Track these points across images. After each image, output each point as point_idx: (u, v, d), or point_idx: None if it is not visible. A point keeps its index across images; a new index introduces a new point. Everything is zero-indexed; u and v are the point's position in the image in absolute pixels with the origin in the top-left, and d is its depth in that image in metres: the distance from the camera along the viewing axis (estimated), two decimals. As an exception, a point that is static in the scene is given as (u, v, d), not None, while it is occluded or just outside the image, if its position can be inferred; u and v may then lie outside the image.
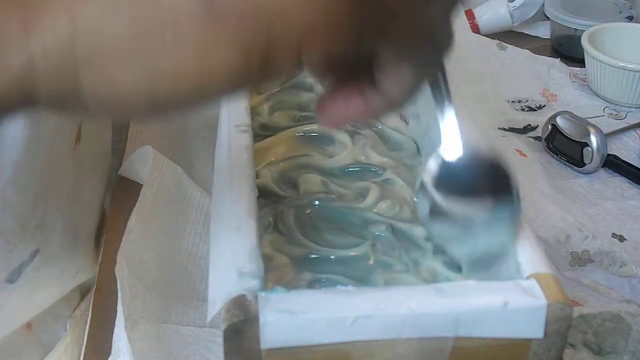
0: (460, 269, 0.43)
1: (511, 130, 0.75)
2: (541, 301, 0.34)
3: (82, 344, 0.57)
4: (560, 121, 0.70)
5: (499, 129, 0.75)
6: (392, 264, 0.43)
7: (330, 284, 0.41)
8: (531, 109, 0.79)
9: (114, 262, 0.49)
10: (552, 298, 0.34)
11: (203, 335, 0.48)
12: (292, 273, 0.42)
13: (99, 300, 0.53)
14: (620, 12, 0.89)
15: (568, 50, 0.89)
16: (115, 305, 0.48)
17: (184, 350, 0.47)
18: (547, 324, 0.34)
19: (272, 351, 0.33)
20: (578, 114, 0.71)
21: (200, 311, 0.50)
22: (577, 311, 0.50)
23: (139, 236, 0.52)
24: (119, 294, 0.47)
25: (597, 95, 0.80)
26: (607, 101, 0.80)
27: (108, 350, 0.47)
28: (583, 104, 0.80)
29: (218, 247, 0.37)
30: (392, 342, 0.33)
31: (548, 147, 0.71)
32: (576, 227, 0.60)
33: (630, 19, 0.88)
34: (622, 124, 0.76)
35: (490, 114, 0.77)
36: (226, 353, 0.33)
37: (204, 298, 0.51)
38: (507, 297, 0.34)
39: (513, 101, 0.80)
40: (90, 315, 0.53)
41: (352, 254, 0.43)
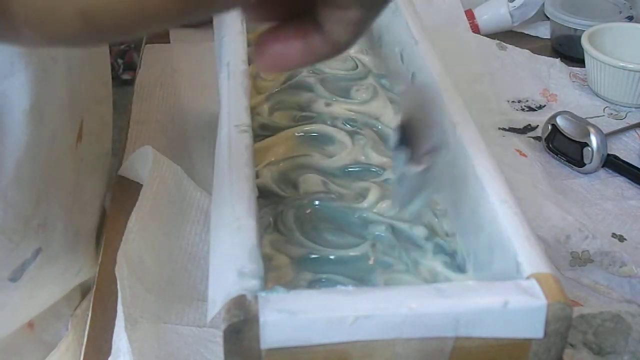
0: (460, 269, 0.43)
1: (511, 130, 0.75)
2: (541, 301, 0.34)
3: (83, 343, 0.57)
4: (560, 121, 0.70)
5: (499, 129, 0.75)
6: (392, 264, 0.43)
7: (330, 284, 0.41)
8: (531, 109, 0.79)
9: (114, 262, 0.49)
10: (552, 298, 0.34)
11: (203, 335, 0.48)
12: (292, 273, 0.42)
13: (99, 300, 0.53)
14: (620, 12, 0.89)
15: (568, 50, 0.89)
16: (115, 305, 0.48)
17: (184, 350, 0.47)
18: (547, 324, 0.34)
19: (272, 351, 0.33)
20: (578, 114, 0.71)
21: (200, 311, 0.50)
22: (577, 311, 0.50)
23: (139, 236, 0.52)
24: (119, 294, 0.47)
25: (597, 95, 0.80)
26: (607, 101, 0.80)
27: (108, 350, 0.47)
28: (583, 104, 0.80)
29: (218, 247, 0.37)
30: (392, 342, 0.33)
31: (548, 147, 0.71)
32: (576, 227, 0.61)
33: (630, 19, 0.88)
34: (622, 124, 0.76)
35: (490, 114, 0.77)
36: (226, 353, 0.33)
37: (204, 298, 0.51)
38: (507, 297, 0.34)
39: (513, 101, 0.80)
40: (90, 315, 0.53)
41: (352, 254, 0.43)
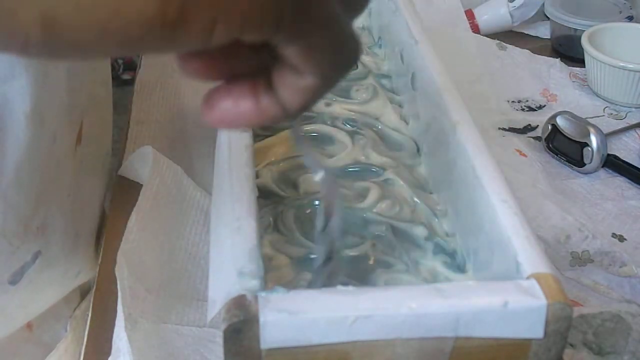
0: (460, 269, 0.43)
1: (511, 130, 0.75)
2: (541, 301, 0.34)
3: (82, 344, 0.56)
4: (560, 121, 0.70)
5: (499, 129, 0.75)
6: (392, 264, 0.43)
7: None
8: (531, 109, 0.79)
9: (114, 262, 0.49)
10: (552, 298, 0.34)
11: (203, 335, 0.48)
12: (292, 273, 0.42)
13: (99, 300, 0.53)
14: (620, 12, 0.89)
15: (568, 50, 0.89)
16: (115, 305, 0.48)
17: (184, 350, 0.47)
18: (547, 324, 0.34)
19: (272, 351, 0.33)
20: (578, 114, 0.71)
21: (200, 311, 0.50)
22: (577, 311, 0.50)
23: (139, 236, 0.52)
24: (119, 294, 0.47)
25: (597, 95, 0.80)
26: (607, 101, 0.80)
27: (108, 350, 0.47)
28: (583, 104, 0.80)
29: (218, 247, 0.37)
30: (392, 342, 0.33)
31: (548, 147, 0.71)
32: (576, 227, 0.60)
33: (630, 19, 0.88)
34: (622, 124, 0.76)
35: (490, 114, 0.77)
36: (226, 353, 0.33)
37: (204, 298, 0.51)
38: (507, 297, 0.34)
39: (513, 101, 0.80)
40: (90, 315, 0.53)
41: (352, 254, 0.43)
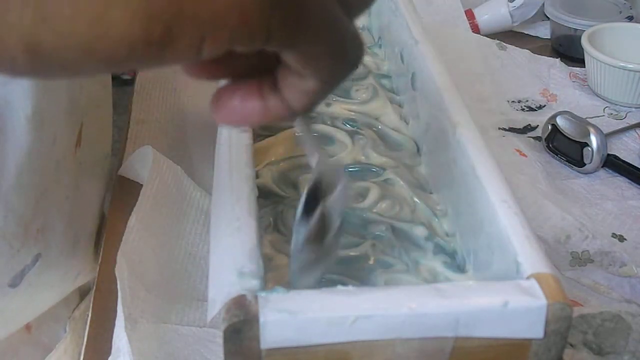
0: (460, 269, 0.43)
1: (511, 130, 0.75)
2: (541, 301, 0.34)
3: (81, 345, 0.56)
4: (560, 121, 0.70)
5: (499, 129, 0.75)
6: (392, 264, 0.43)
7: (330, 284, 0.41)
8: (531, 109, 0.79)
9: (114, 262, 0.49)
10: (552, 298, 0.34)
11: (203, 335, 0.48)
12: (292, 273, 0.42)
13: (99, 300, 0.53)
14: (620, 12, 0.89)
15: (568, 50, 0.89)
16: (115, 305, 0.48)
17: (184, 350, 0.47)
18: (547, 324, 0.34)
19: (272, 351, 0.33)
20: (578, 114, 0.71)
21: (200, 311, 0.50)
22: (577, 311, 0.50)
23: (139, 236, 0.52)
24: (119, 294, 0.47)
25: (597, 95, 0.80)
26: (607, 101, 0.80)
27: (108, 350, 0.47)
28: (583, 104, 0.80)
29: (218, 247, 0.37)
30: (392, 342, 0.33)
31: (548, 147, 0.71)
32: (576, 227, 0.60)
33: (630, 19, 0.88)
34: (622, 124, 0.76)
35: (490, 114, 0.77)
36: (226, 353, 0.33)
37: (204, 298, 0.51)
38: (507, 297, 0.34)
39: (513, 101, 0.80)
40: (90, 315, 0.53)
41: (352, 254, 0.43)
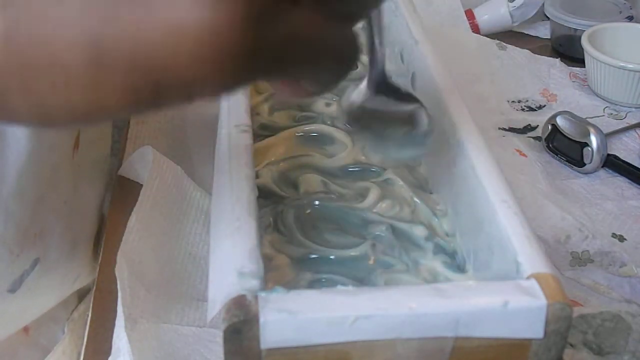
0: (460, 269, 0.43)
1: (511, 130, 0.75)
2: (541, 301, 0.34)
3: (80, 346, 0.56)
4: (560, 121, 0.70)
5: (499, 129, 0.75)
6: (392, 264, 0.43)
7: (330, 284, 0.41)
8: (531, 109, 0.79)
9: (114, 262, 0.49)
10: (552, 298, 0.34)
11: (203, 335, 0.48)
12: (292, 273, 0.42)
13: (99, 300, 0.53)
14: (620, 12, 0.89)
15: (568, 50, 0.89)
16: (115, 305, 0.48)
17: (184, 350, 0.47)
18: (547, 324, 0.34)
19: (272, 351, 0.33)
20: (578, 114, 0.71)
21: (200, 311, 0.50)
22: (577, 311, 0.50)
23: (139, 236, 0.52)
24: (119, 294, 0.47)
25: (597, 95, 0.80)
26: (607, 101, 0.80)
27: (108, 350, 0.47)
28: (583, 104, 0.80)
29: (218, 247, 0.37)
30: (392, 342, 0.33)
31: (548, 147, 0.71)
32: (576, 227, 0.60)
33: (630, 19, 0.88)
34: (622, 124, 0.76)
35: (490, 114, 0.77)
36: (226, 353, 0.33)
37: (204, 298, 0.51)
38: (507, 297, 0.34)
39: (513, 101, 0.80)
40: (90, 315, 0.53)
41: (352, 254, 0.43)
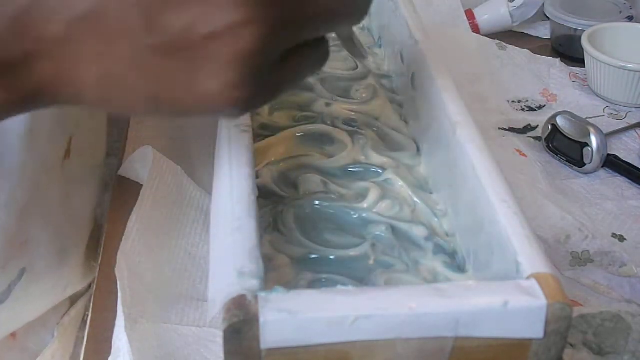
0: (460, 269, 0.43)
1: (511, 130, 0.75)
2: (541, 301, 0.34)
3: (70, 350, 0.56)
4: (560, 121, 0.70)
5: (499, 129, 0.75)
6: (392, 264, 0.43)
7: (330, 284, 0.41)
8: (531, 109, 0.79)
9: (114, 262, 0.49)
10: (552, 298, 0.34)
11: (203, 335, 0.48)
12: (292, 273, 0.42)
13: (99, 300, 0.53)
14: (620, 12, 0.89)
15: (568, 50, 0.89)
16: (115, 305, 0.48)
17: (184, 350, 0.47)
18: (547, 324, 0.34)
19: (272, 351, 0.33)
20: (578, 114, 0.71)
21: (200, 311, 0.50)
22: (577, 311, 0.50)
23: (139, 236, 0.52)
24: (119, 294, 0.47)
25: (597, 95, 0.80)
26: (607, 101, 0.80)
27: (108, 350, 0.47)
28: (583, 104, 0.80)
29: (218, 247, 0.37)
30: (392, 342, 0.33)
31: (548, 147, 0.71)
32: (576, 227, 0.61)
33: (630, 19, 0.88)
34: (622, 124, 0.76)
35: (490, 114, 0.77)
36: (226, 353, 0.33)
37: (204, 298, 0.51)
38: (507, 297, 0.34)
39: (513, 101, 0.80)
40: (90, 315, 0.53)
41: (352, 254, 0.43)
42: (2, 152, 0.46)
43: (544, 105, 0.79)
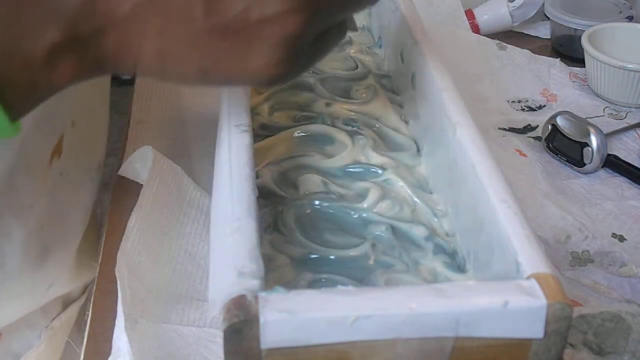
0: (460, 269, 0.43)
1: (511, 130, 0.75)
2: (541, 301, 0.34)
3: (57, 355, 0.55)
4: (560, 121, 0.70)
5: (499, 129, 0.75)
6: (392, 264, 0.43)
7: (330, 284, 0.41)
8: (531, 109, 0.79)
9: (114, 262, 0.49)
10: (552, 298, 0.34)
11: (203, 335, 0.48)
12: (292, 273, 0.42)
13: (99, 300, 0.53)
14: (620, 12, 0.89)
15: (568, 50, 0.89)
16: (115, 305, 0.48)
17: (184, 350, 0.47)
18: (547, 324, 0.34)
19: (272, 351, 0.33)
20: (578, 114, 0.71)
21: (200, 311, 0.50)
22: (577, 311, 0.50)
23: (139, 236, 0.52)
24: (119, 294, 0.47)
25: (597, 95, 0.80)
26: (607, 101, 0.80)
27: (108, 350, 0.47)
28: (583, 104, 0.80)
29: (218, 247, 0.37)
30: (392, 342, 0.33)
31: (548, 147, 0.71)
32: (576, 227, 0.61)
33: (630, 19, 0.88)
34: (622, 124, 0.76)
35: (490, 114, 0.77)
36: (226, 353, 0.33)
37: (204, 298, 0.51)
38: (507, 297, 0.34)
39: (513, 101, 0.80)
40: (90, 315, 0.53)
41: (352, 254, 0.43)
42: None
43: (544, 105, 0.79)
